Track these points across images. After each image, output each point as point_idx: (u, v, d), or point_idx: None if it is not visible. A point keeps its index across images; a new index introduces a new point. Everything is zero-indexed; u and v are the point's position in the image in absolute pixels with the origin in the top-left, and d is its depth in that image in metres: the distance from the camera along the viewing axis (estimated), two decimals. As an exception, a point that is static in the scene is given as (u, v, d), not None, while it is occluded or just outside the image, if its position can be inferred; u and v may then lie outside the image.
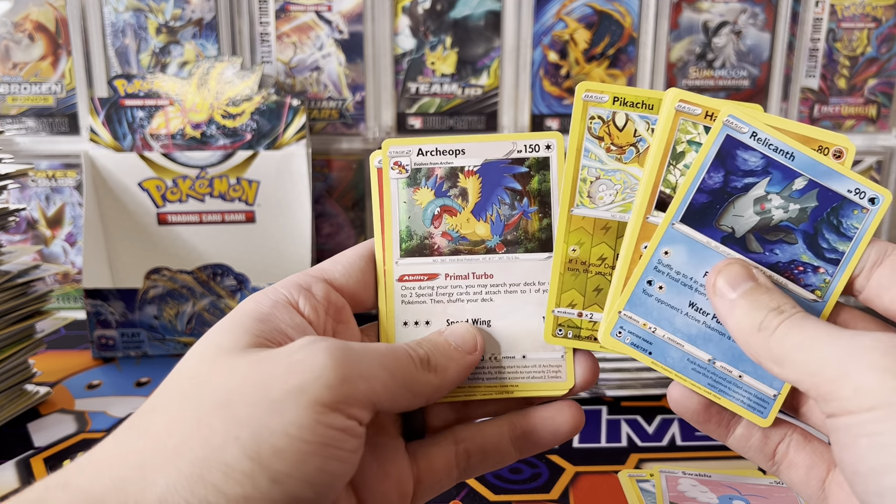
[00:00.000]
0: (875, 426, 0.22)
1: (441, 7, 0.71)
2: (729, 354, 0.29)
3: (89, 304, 0.62)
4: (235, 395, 0.23)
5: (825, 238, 0.28)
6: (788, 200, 0.28)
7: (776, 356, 0.25)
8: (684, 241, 0.28)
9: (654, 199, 0.29)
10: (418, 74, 0.72)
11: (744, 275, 0.27)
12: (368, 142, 0.73)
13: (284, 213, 0.68)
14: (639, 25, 0.72)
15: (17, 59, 0.71)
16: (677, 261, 0.29)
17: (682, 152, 0.29)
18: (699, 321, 0.29)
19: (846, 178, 0.28)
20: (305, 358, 0.24)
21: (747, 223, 0.28)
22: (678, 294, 0.29)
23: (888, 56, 0.74)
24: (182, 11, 0.70)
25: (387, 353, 0.26)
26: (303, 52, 0.71)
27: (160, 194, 0.67)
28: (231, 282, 0.62)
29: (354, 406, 0.24)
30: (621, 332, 0.29)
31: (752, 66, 0.74)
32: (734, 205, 0.28)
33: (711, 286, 0.28)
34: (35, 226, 0.74)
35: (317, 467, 0.22)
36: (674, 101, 0.29)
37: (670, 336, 0.29)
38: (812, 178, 0.28)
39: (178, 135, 0.67)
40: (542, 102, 0.74)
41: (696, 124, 0.29)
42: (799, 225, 0.28)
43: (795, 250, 0.28)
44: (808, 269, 0.28)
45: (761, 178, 0.28)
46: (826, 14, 0.72)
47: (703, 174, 0.28)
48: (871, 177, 0.77)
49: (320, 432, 0.23)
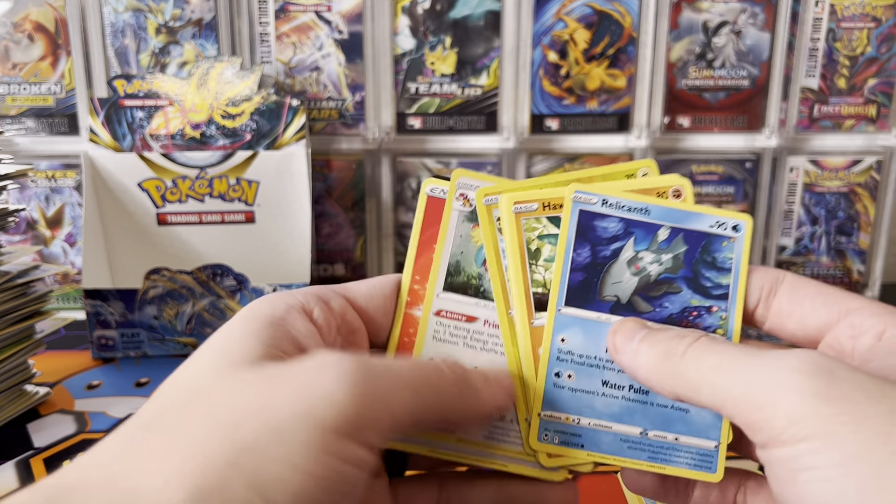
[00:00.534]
0: (813, 459, 0.21)
1: (441, 7, 0.71)
2: (658, 420, 0.28)
3: (89, 304, 0.62)
4: (241, 416, 0.21)
5: (706, 277, 0.29)
6: (659, 253, 0.29)
7: (691, 382, 0.24)
8: (576, 324, 0.28)
9: (531, 303, 0.29)
10: (418, 74, 0.72)
11: (638, 326, 0.27)
12: (368, 142, 0.73)
13: (284, 213, 0.68)
14: (638, 25, 0.72)
15: (17, 59, 0.71)
16: (576, 344, 0.28)
17: (538, 249, 0.29)
18: (618, 396, 0.28)
19: (703, 215, 0.29)
20: (317, 376, 0.21)
21: (629, 287, 0.28)
22: (589, 377, 0.28)
23: (888, 56, 0.74)
24: (181, 12, 0.70)
25: (412, 368, 0.24)
26: (302, 52, 0.71)
27: (160, 194, 0.67)
28: (231, 282, 0.62)
29: (369, 432, 0.21)
30: (548, 434, 0.28)
31: (752, 65, 0.74)
32: (610, 273, 0.29)
33: (612, 348, 0.27)
34: (35, 226, 0.74)
35: (319, 502, 0.20)
36: (509, 207, 0.29)
37: (596, 422, 0.28)
38: (673, 226, 0.29)
39: (177, 135, 0.66)
40: (542, 102, 0.73)
41: (538, 219, 0.29)
42: (678, 273, 0.29)
43: (683, 298, 0.29)
44: (702, 312, 0.28)
45: (626, 240, 0.29)
46: (826, 14, 0.72)
47: (570, 254, 0.28)
48: (871, 177, 0.77)
49: (329, 464, 0.20)
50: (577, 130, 0.74)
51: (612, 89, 0.74)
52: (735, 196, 0.77)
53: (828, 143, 0.76)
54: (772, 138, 0.75)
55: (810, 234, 0.78)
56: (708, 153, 0.76)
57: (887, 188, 0.77)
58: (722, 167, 0.76)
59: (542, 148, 0.75)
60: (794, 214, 0.77)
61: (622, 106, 0.74)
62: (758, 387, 0.22)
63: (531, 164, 0.75)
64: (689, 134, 0.75)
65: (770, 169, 0.77)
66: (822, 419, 0.21)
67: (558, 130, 0.74)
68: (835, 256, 0.79)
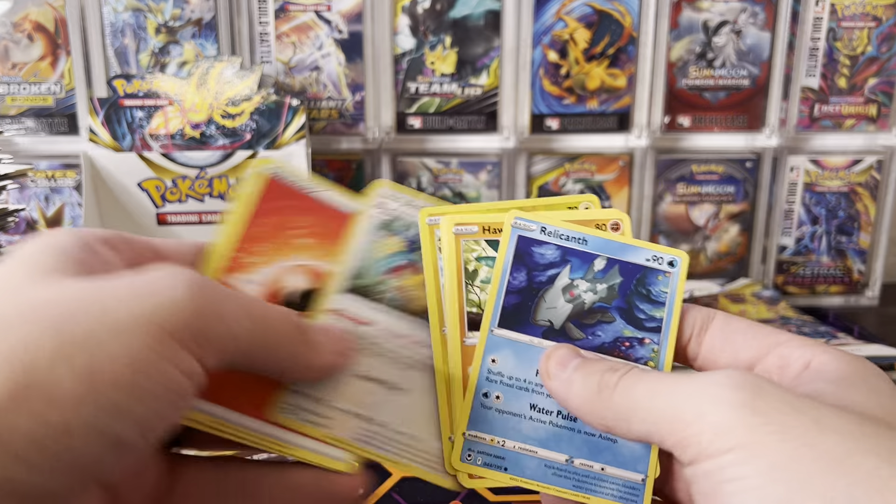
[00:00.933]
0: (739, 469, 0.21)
1: (441, 7, 0.71)
2: (585, 449, 0.28)
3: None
4: (75, 312, 0.20)
5: (640, 309, 0.29)
6: (594, 282, 0.29)
7: (622, 412, 0.24)
8: (508, 345, 0.28)
9: (465, 322, 0.29)
10: (418, 74, 0.72)
11: (572, 354, 0.27)
12: (368, 142, 0.73)
13: (284, 213, 0.67)
14: (639, 25, 0.72)
15: (17, 59, 0.71)
16: (507, 366, 0.28)
17: (475, 270, 0.29)
18: (545, 421, 0.28)
19: (640, 248, 0.29)
20: (159, 281, 0.21)
21: (562, 313, 0.29)
22: (517, 399, 0.28)
23: (888, 55, 0.74)
24: (181, 11, 0.70)
25: (257, 302, 0.24)
26: (302, 51, 0.71)
27: (160, 194, 0.67)
28: (231, 282, 0.62)
29: (206, 346, 0.21)
30: (471, 455, 0.28)
31: (753, 65, 0.74)
32: (544, 298, 0.29)
33: (545, 373, 0.27)
34: (35, 226, 0.74)
35: (152, 408, 0.20)
36: (450, 228, 0.29)
37: (521, 445, 0.28)
38: (610, 257, 0.29)
39: (177, 135, 0.66)
40: (542, 102, 0.73)
41: (477, 241, 0.29)
42: (612, 303, 0.29)
43: (616, 328, 0.29)
44: (634, 343, 0.29)
45: (562, 268, 0.29)
46: (826, 13, 0.72)
47: (506, 276, 0.29)
48: (872, 176, 0.77)
49: (163, 368, 0.20)
50: (577, 130, 0.74)
51: (612, 89, 0.74)
52: (735, 196, 0.77)
53: (828, 142, 0.76)
54: (772, 138, 0.75)
55: (811, 233, 0.78)
56: (708, 153, 0.76)
57: (887, 188, 0.77)
58: (722, 167, 0.76)
59: (542, 147, 0.75)
60: (795, 214, 0.77)
61: (622, 105, 0.74)
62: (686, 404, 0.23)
63: (531, 164, 0.75)
64: (689, 133, 0.75)
65: (770, 168, 0.76)
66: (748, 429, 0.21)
67: (558, 130, 0.74)
68: (835, 256, 0.79)
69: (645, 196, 0.76)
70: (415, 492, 0.44)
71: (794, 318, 0.67)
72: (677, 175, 0.76)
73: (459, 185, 0.75)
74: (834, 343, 0.59)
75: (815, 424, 0.21)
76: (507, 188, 0.75)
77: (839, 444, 0.20)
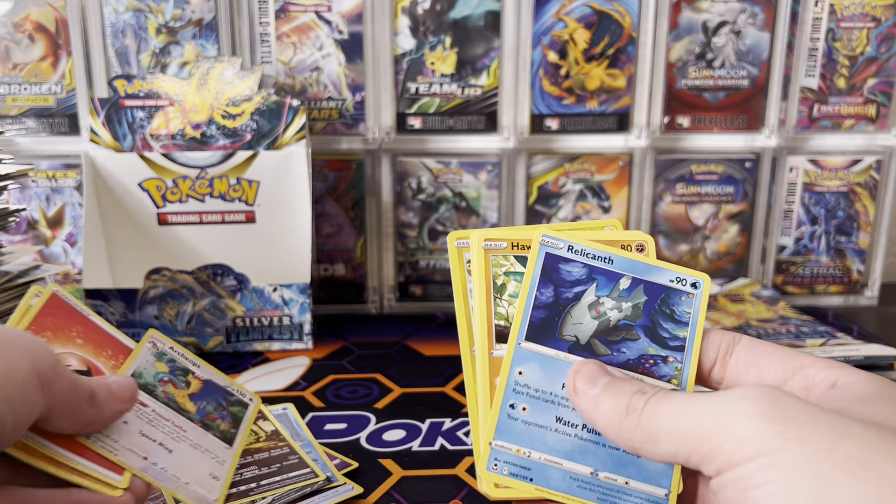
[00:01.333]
0: (763, 475, 0.21)
1: (441, 7, 0.71)
2: (609, 462, 0.28)
3: (90, 304, 0.62)
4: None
5: (664, 328, 0.30)
6: (620, 300, 0.30)
7: (650, 434, 0.25)
8: (534, 358, 0.29)
9: (493, 334, 0.30)
10: (418, 74, 0.72)
11: (599, 371, 0.27)
12: (368, 142, 0.73)
13: (284, 213, 0.68)
14: (638, 25, 0.72)
15: (18, 59, 0.71)
16: (533, 378, 0.29)
17: (503, 284, 0.30)
18: (571, 434, 0.28)
19: (664, 269, 0.30)
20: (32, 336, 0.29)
21: (588, 329, 0.29)
22: (543, 412, 0.29)
23: (887, 55, 0.74)
24: (182, 12, 0.70)
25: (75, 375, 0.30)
26: (302, 52, 0.71)
27: (160, 194, 0.67)
28: (231, 282, 0.62)
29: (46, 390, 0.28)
30: (497, 464, 0.28)
31: (752, 65, 0.74)
32: (571, 314, 0.29)
33: (572, 389, 0.28)
34: (35, 226, 0.74)
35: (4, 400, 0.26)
36: (479, 243, 0.30)
37: (547, 457, 0.28)
38: (635, 276, 0.30)
39: (178, 135, 0.67)
40: (542, 102, 0.74)
41: (506, 256, 0.31)
42: (636, 321, 0.30)
43: (641, 345, 0.29)
44: (659, 361, 0.29)
45: (589, 285, 0.30)
46: (825, 13, 0.72)
47: (534, 292, 0.29)
48: (871, 176, 0.77)
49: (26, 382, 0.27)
50: (577, 130, 0.74)
51: (611, 89, 0.74)
52: (735, 196, 0.77)
53: (827, 142, 0.76)
54: (771, 138, 0.75)
55: (810, 233, 0.78)
56: (708, 153, 0.76)
57: (887, 188, 0.77)
58: (722, 167, 0.76)
59: (542, 148, 0.75)
60: (794, 214, 0.78)
61: (622, 106, 0.74)
62: (707, 419, 0.23)
63: (531, 164, 0.75)
64: (688, 134, 0.76)
65: (770, 168, 0.77)
66: (769, 437, 0.22)
67: (558, 130, 0.74)
68: (834, 256, 0.79)
69: (644, 196, 0.76)
70: (415, 492, 0.44)
71: (793, 318, 0.67)
72: (677, 175, 0.77)
73: (459, 185, 0.75)
74: (833, 343, 0.60)
75: (832, 431, 0.21)
76: (507, 188, 0.75)
77: (859, 450, 0.21)
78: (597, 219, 0.77)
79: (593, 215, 0.77)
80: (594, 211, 0.77)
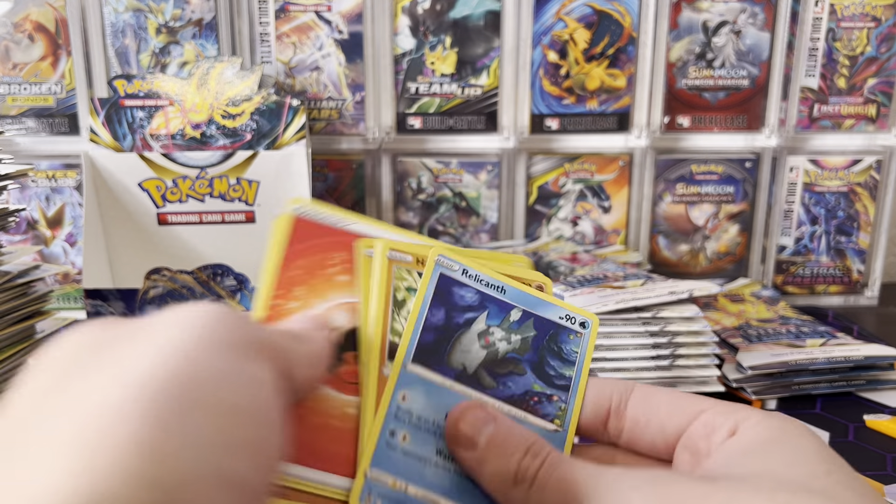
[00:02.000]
0: None
1: (441, 7, 0.71)
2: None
3: (89, 304, 0.62)
4: None
5: (550, 365, 0.29)
6: (509, 332, 0.29)
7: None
8: (420, 383, 0.27)
9: (386, 349, 0.27)
10: (418, 74, 0.72)
11: (483, 418, 0.26)
12: (368, 142, 0.73)
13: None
14: (638, 25, 0.72)
15: (17, 59, 0.71)
16: (416, 405, 0.27)
17: (403, 299, 0.28)
18: (450, 470, 0.26)
19: (556, 306, 0.30)
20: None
21: (476, 358, 0.28)
22: (424, 443, 0.26)
23: (888, 55, 0.74)
24: (182, 12, 0.70)
25: None
26: (302, 52, 0.71)
27: (160, 194, 0.67)
28: (231, 282, 0.62)
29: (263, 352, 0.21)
30: (370, 497, 0.25)
31: (752, 65, 0.74)
32: (460, 340, 0.28)
33: (454, 437, 0.26)
34: (35, 226, 0.74)
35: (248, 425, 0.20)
36: (384, 252, 0.29)
37: (424, 493, 0.26)
38: (525, 309, 0.29)
39: (177, 135, 0.67)
40: (542, 102, 0.74)
41: (409, 271, 0.29)
42: (524, 355, 0.29)
43: (527, 381, 0.28)
44: (543, 399, 0.28)
45: (480, 313, 0.29)
46: (826, 13, 0.72)
47: (425, 312, 0.28)
48: (871, 176, 0.77)
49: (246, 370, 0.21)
50: (577, 130, 0.74)
51: (611, 89, 0.74)
52: (735, 196, 0.77)
53: (827, 142, 0.76)
54: (771, 138, 0.75)
55: (810, 233, 0.78)
56: (708, 153, 0.76)
57: (887, 188, 0.77)
58: (722, 167, 0.76)
59: (542, 148, 0.75)
60: (794, 214, 0.78)
61: (622, 106, 0.74)
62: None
63: (531, 164, 0.75)
64: (688, 133, 0.76)
65: (770, 168, 0.77)
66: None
67: (558, 130, 0.74)
68: (834, 256, 0.79)
69: (644, 196, 0.76)
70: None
71: (793, 318, 0.67)
72: (677, 175, 0.77)
73: (459, 185, 0.75)
74: (833, 343, 0.60)
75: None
76: (508, 188, 0.75)
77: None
78: (596, 219, 0.77)
79: (593, 216, 0.77)
80: (594, 211, 0.77)
